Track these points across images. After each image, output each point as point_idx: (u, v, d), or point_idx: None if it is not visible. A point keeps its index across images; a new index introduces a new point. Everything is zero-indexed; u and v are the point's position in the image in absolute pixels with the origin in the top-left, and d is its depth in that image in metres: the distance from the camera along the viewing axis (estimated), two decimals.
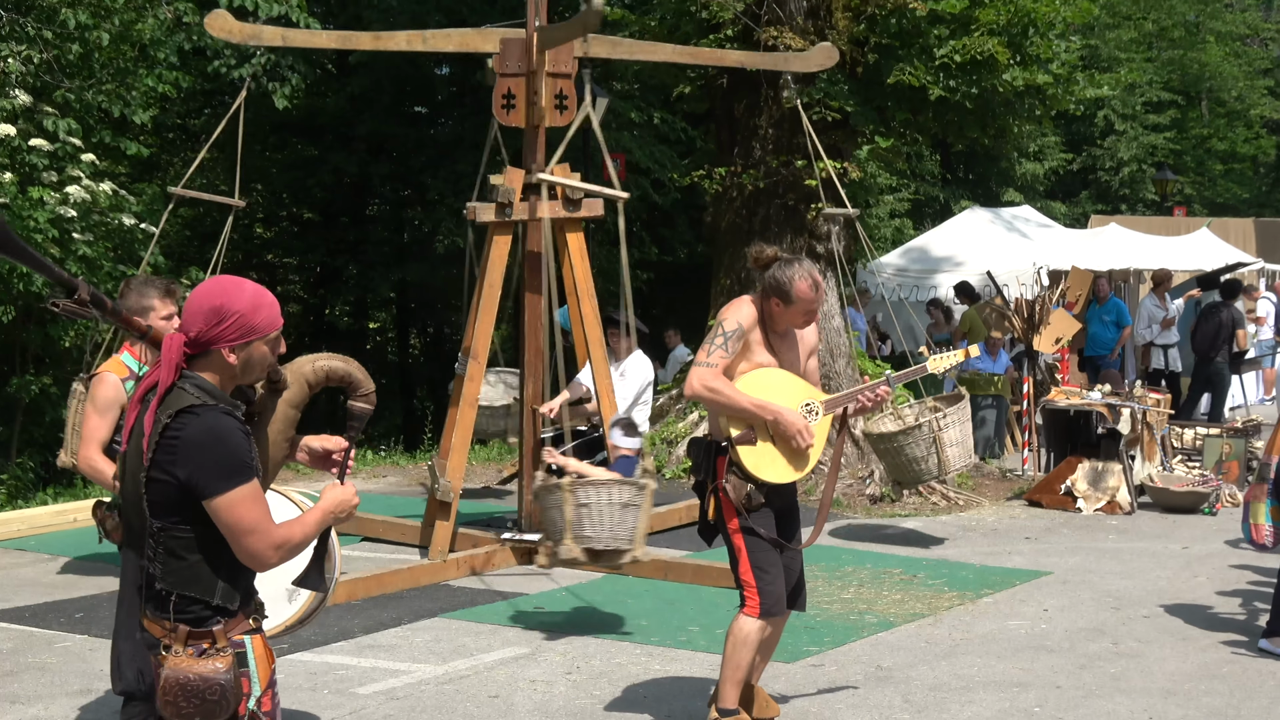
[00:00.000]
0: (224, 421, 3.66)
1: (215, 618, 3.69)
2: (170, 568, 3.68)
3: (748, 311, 5.92)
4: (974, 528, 11.44)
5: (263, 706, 3.75)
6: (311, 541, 3.79)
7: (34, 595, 8.90)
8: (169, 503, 3.65)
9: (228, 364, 3.75)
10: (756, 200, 14.14)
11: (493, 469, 13.96)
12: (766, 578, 5.86)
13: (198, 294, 3.79)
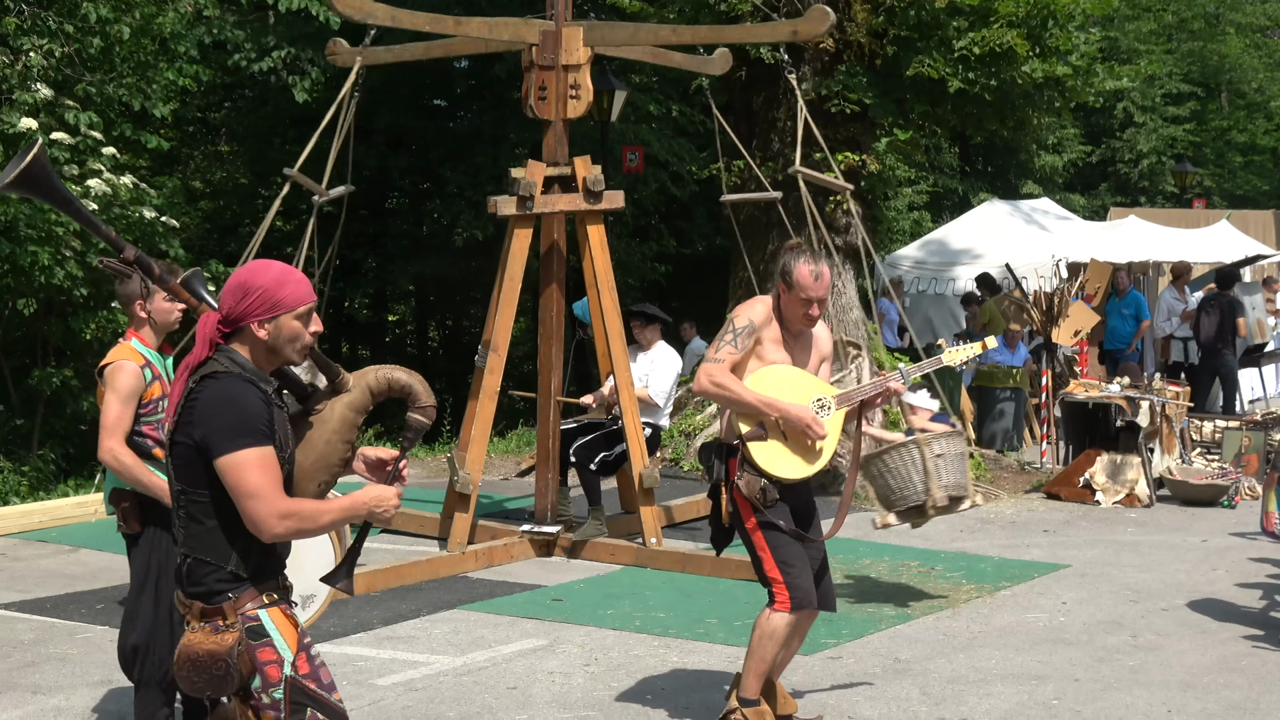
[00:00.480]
0: (241, 387, 3.76)
1: (226, 591, 3.77)
2: (191, 532, 3.81)
3: (760, 310, 5.92)
4: (992, 520, 11.43)
5: (299, 669, 3.83)
6: (329, 523, 3.84)
7: (55, 586, 8.96)
8: (188, 465, 3.78)
9: (258, 338, 3.85)
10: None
11: (511, 461, 13.99)
12: (793, 571, 5.80)
13: (231, 277, 3.91)
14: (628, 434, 9.70)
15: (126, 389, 5.57)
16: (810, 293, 5.81)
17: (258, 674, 3.81)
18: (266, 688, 3.82)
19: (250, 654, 3.80)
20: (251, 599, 3.82)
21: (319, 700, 3.87)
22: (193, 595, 3.83)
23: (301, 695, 3.84)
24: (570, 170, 9.91)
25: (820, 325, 6.07)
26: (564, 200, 9.86)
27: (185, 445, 3.79)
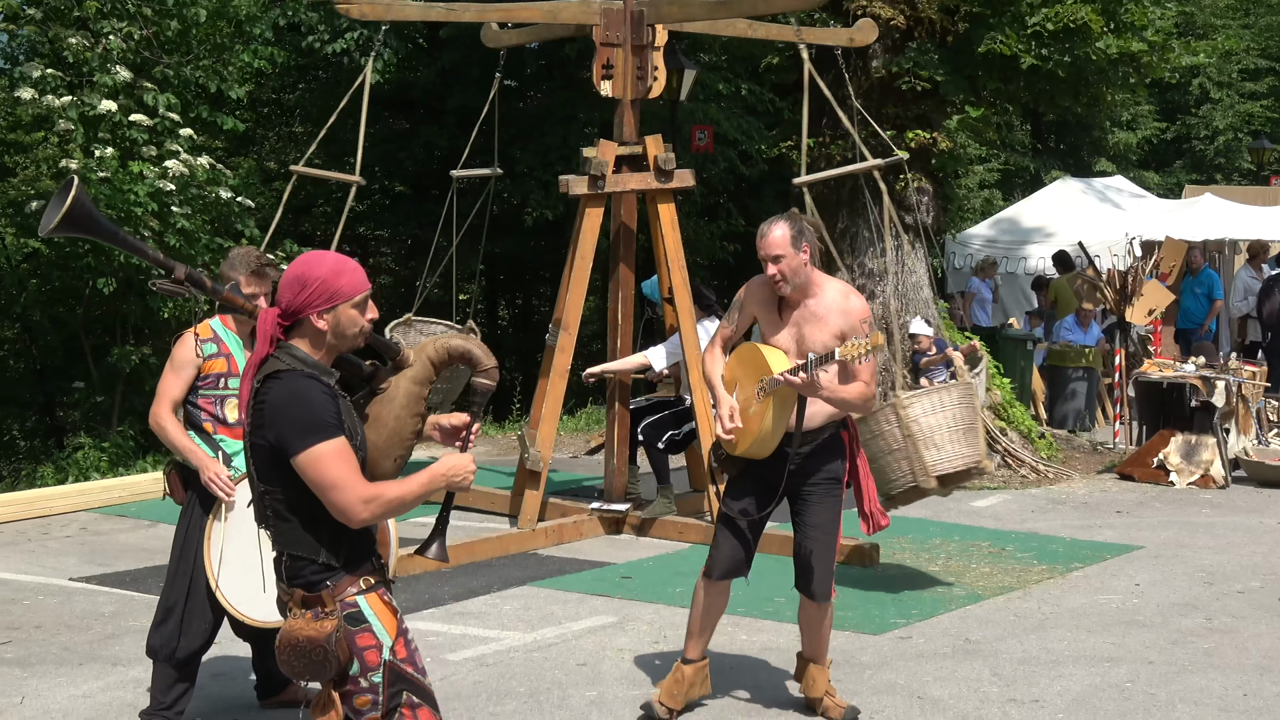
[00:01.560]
0: (304, 383, 3.81)
1: (324, 580, 3.85)
2: (279, 530, 3.88)
3: (754, 285, 6.03)
4: (1064, 501, 11.36)
5: (398, 654, 3.91)
6: (412, 500, 3.90)
7: (134, 560, 9.12)
8: (266, 466, 3.85)
9: (318, 330, 3.89)
10: None
11: (581, 439, 14.06)
12: (715, 541, 6.09)
13: (286, 271, 3.96)
14: (696, 412, 9.72)
15: (177, 358, 5.74)
16: (759, 250, 5.83)
17: (356, 659, 3.89)
18: (365, 672, 3.89)
19: (349, 640, 3.87)
20: (350, 584, 3.90)
21: (415, 684, 3.96)
22: (294, 586, 3.90)
23: (399, 679, 3.92)
24: (641, 149, 9.93)
25: (841, 296, 5.88)
26: (635, 179, 9.88)
27: (262, 446, 3.85)
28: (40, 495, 11.01)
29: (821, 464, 5.97)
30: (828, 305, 5.88)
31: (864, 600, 8.09)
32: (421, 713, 3.95)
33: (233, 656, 6.71)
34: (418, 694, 3.95)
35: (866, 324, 5.83)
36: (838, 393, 5.75)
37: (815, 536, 5.99)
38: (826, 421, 5.94)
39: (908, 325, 9.57)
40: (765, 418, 5.79)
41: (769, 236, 5.78)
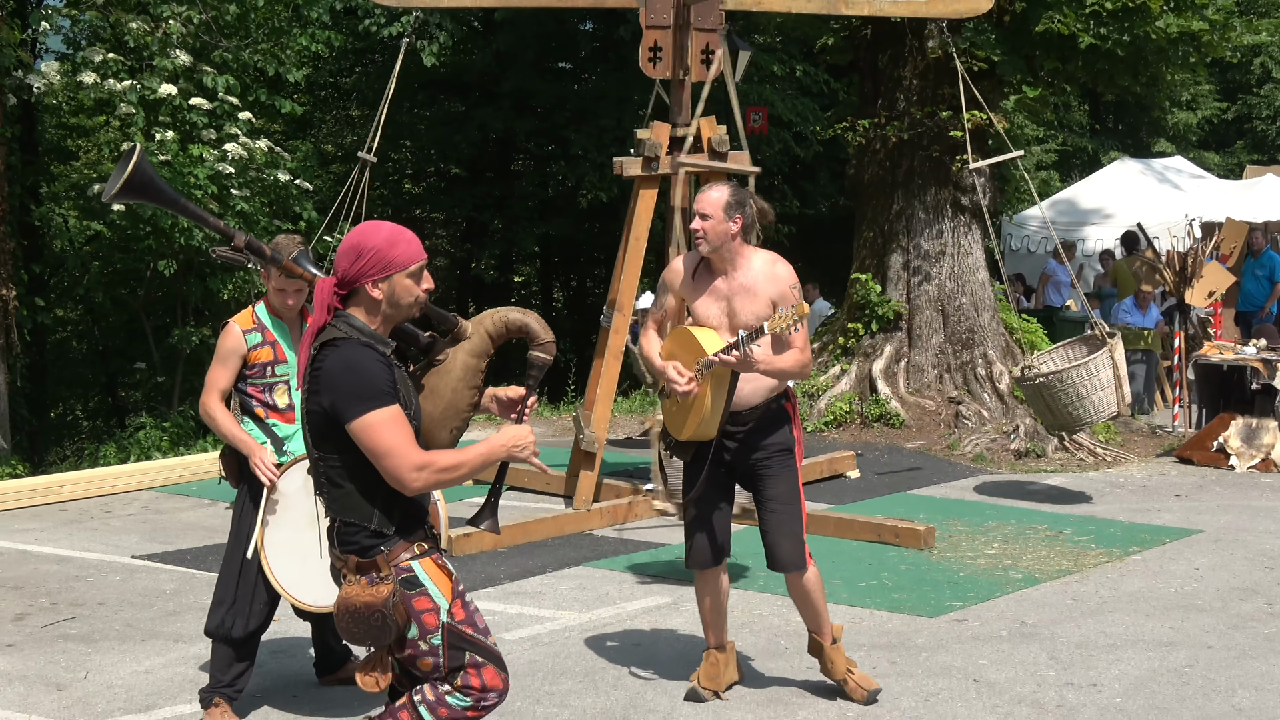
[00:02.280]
0: (360, 352, 3.86)
1: (378, 545, 3.90)
2: (332, 496, 3.93)
3: (674, 267, 6.07)
4: (1122, 484, 11.29)
5: (455, 616, 3.95)
6: (468, 470, 3.94)
7: (195, 539, 9.24)
8: (321, 432, 3.90)
9: (373, 299, 3.94)
10: (900, 152, 14.02)
11: (635, 421, 14.09)
12: (686, 533, 6.08)
13: (343, 240, 4.01)
14: None
15: (222, 349, 5.81)
16: (694, 206, 5.85)
17: (414, 623, 3.93)
18: (424, 635, 3.94)
19: (406, 604, 3.92)
20: (404, 550, 3.95)
21: (476, 644, 4.00)
22: (347, 552, 3.96)
23: (459, 640, 3.97)
24: (695, 131, 9.93)
25: (767, 264, 5.86)
26: (689, 161, 9.87)
27: (317, 413, 3.91)
28: (103, 474, 11.16)
29: (769, 437, 5.92)
30: (754, 275, 5.85)
31: (919, 583, 8.07)
32: (486, 671, 4.00)
33: (292, 635, 6.79)
34: (480, 653, 4.00)
35: (795, 290, 5.81)
36: (774, 364, 5.71)
37: (776, 509, 5.91)
38: (768, 395, 5.89)
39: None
40: (706, 399, 5.75)
41: (705, 194, 5.83)
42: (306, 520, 5.52)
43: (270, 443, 5.77)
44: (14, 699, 6.06)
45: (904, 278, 14.09)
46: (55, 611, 7.47)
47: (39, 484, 10.72)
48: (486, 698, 4.02)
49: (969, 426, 12.96)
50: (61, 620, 7.30)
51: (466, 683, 3.99)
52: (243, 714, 5.80)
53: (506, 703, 5.86)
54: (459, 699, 3.99)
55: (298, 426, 5.76)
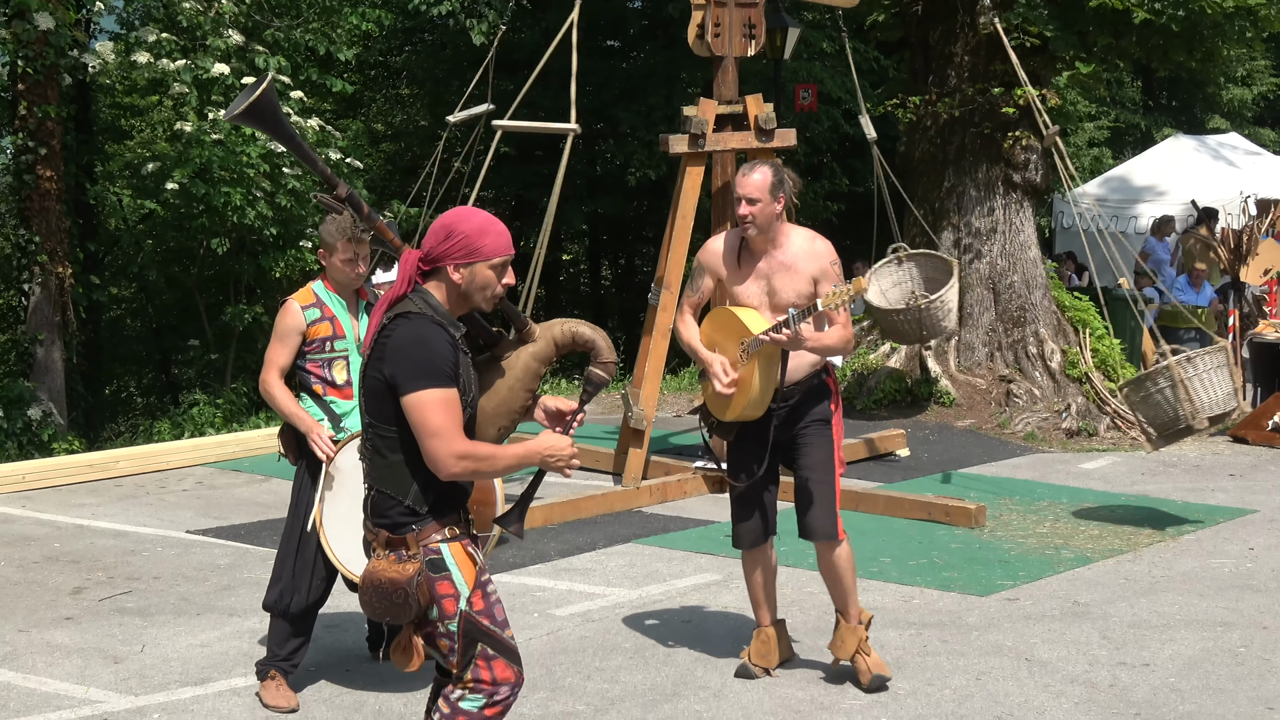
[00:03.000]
0: (431, 329, 3.88)
1: (409, 524, 3.92)
2: (375, 464, 3.97)
3: (710, 248, 5.98)
4: (1175, 464, 11.21)
5: (474, 606, 3.97)
6: (504, 468, 3.95)
7: (248, 514, 9.32)
8: (377, 400, 3.93)
9: (453, 282, 3.97)
10: (951, 129, 13.93)
11: (684, 398, 14.10)
12: (733, 514, 6.10)
13: (439, 218, 4.04)
14: None
15: (282, 327, 5.84)
16: (736, 189, 5.77)
17: (435, 605, 3.95)
18: (442, 619, 3.96)
19: (429, 585, 3.94)
20: (435, 531, 3.97)
21: (491, 636, 4.00)
22: (379, 525, 3.99)
23: (474, 630, 3.98)
24: (742, 108, 9.91)
25: (808, 241, 5.84)
26: (735, 138, 9.87)
27: (376, 379, 3.93)
28: (157, 450, 11.27)
29: (809, 409, 5.92)
30: (795, 253, 5.83)
31: (970, 562, 8.05)
32: (496, 664, 4.01)
33: (346, 610, 6.85)
34: (494, 646, 4.00)
35: (835, 265, 5.82)
36: (821, 340, 5.70)
37: (811, 477, 5.90)
38: (810, 371, 5.89)
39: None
40: (754, 379, 5.73)
41: (749, 178, 5.75)
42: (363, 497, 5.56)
43: (327, 419, 5.81)
44: (72, 671, 6.14)
45: (955, 255, 14.01)
46: (111, 585, 7.56)
47: (95, 460, 10.83)
48: (498, 691, 4.02)
49: (1020, 405, 12.89)
50: (118, 594, 7.39)
51: (476, 676, 3.99)
52: (297, 688, 5.85)
53: (557, 678, 5.91)
54: (471, 701, 4.00)
55: (355, 402, 5.80)
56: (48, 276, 15.04)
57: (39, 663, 6.25)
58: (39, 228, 15.04)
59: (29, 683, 5.97)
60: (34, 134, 14.88)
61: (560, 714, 5.58)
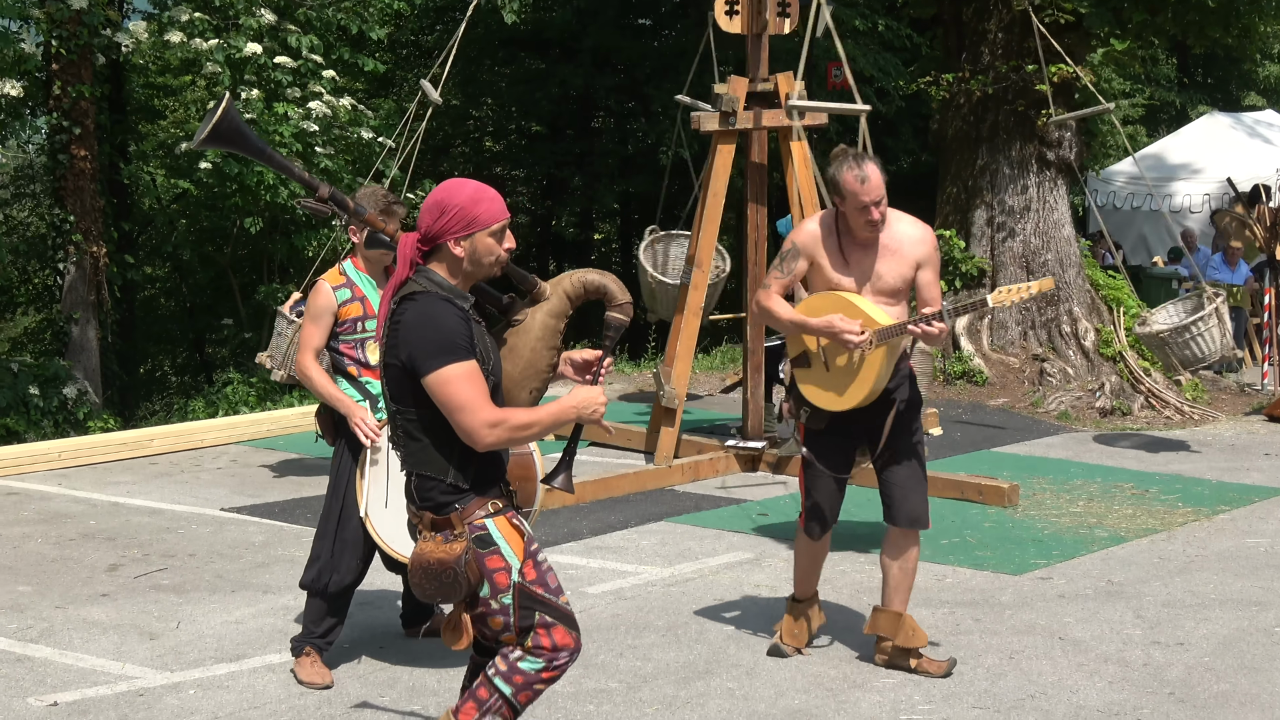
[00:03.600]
0: (438, 306, 3.88)
1: (453, 503, 3.93)
2: (409, 450, 3.98)
3: (807, 229, 5.76)
4: (1210, 443, 11.15)
5: (527, 576, 3.98)
6: (540, 430, 3.96)
7: (282, 492, 9.37)
8: (399, 385, 3.94)
9: (455, 256, 3.96)
10: (985, 107, 13.86)
11: (716, 378, 14.09)
12: (809, 500, 5.93)
13: (428, 196, 4.03)
14: None
15: (314, 308, 5.85)
16: (862, 198, 5.56)
17: (486, 581, 3.97)
18: (495, 594, 3.98)
19: (478, 562, 3.96)
20: (478, 508, 3.98)
21: (546, 603, 4.02)
22: (423, 508, 4.00)
23: (529, 600, 4.00)
24: (773, 86, 9.87)
25: (911, 226, 5.76)
26: (767, 116, 9.83)
27: (394, 366, 3.93)
28: (192, 428, 11.34)
29: (901, 396, 5.87)
30: (900, 237, 5.73)
31: (1003, 541, 8.03)
32: (556, 631, 4.03)
33: (380, 588, 6.88)
34: (551, 613, 4.02)
35: (938, 251, 5.81)
36: (946, 330, 5.69)
37: (908, 463, 5.84)
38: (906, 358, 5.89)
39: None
40: (877, 367, 5.64)
41: (872, 180, 5.57)
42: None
43: (364, 400, 5.83)
44: (109, 647, 6.19)
45: (988, 234, 13.96)
46: (147, 563, 7.62)
47: (130, 438, 10.91)
48: (558, 657, 4.04)
49: (1053, 384, 12.84)
50: (153, 571, 7.44)
51: (537, 643, 4.02)
52: (332, 664, 5.88)
53: (590, 655, 5.93)
54: (530, 663, 4.02)
55: None
56: (82, 256, 15.14)
57: (76, 639, 6.30)
58: (73, 207, 15.13)
59: (66, 659, 6.02)
60: (68, 114, 14.95)
61: (593, 691, 5.60)
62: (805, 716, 5.33)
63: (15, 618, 6.60)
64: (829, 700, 5.51)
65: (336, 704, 5.50)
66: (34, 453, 10.28)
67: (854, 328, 5.56)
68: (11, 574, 7.38)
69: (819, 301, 5.74)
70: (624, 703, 5.48)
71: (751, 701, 5.50)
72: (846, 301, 5.69)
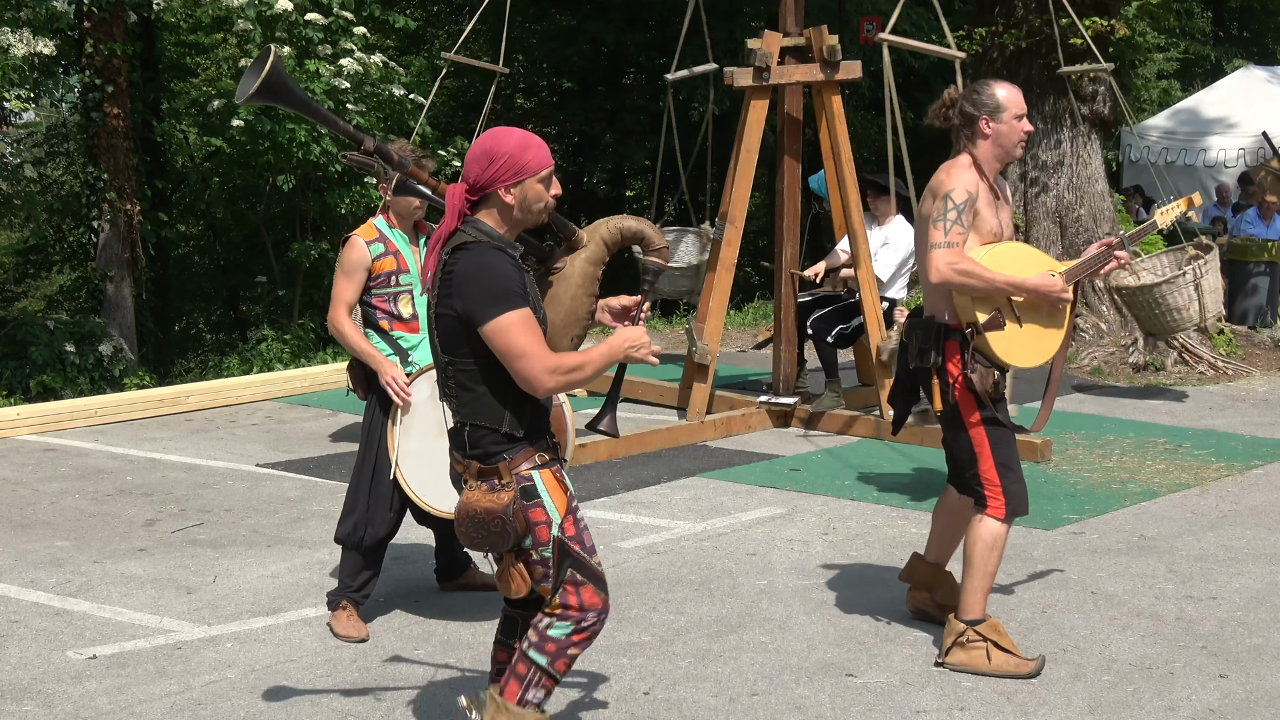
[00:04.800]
0: (492, 255, 3.90)
1: (502, 453, 3.96)
2: (463, 400, 4.00)
3: (970, 177, 5.31)
4: (1243, 398, 11.10)
5: (566, 532, 4.02)
6: (594, 371, 3.98)
7: (317, 448, 9.43)
8: (453, 336, 3.95)
9: (505, 204, 3.98)
10: (1018, 61, 13.76)
11: (748, 334, 14.09)
12: (1011, 476, 5.33)
13: (473, 147, 4.03)
14: (865, 306, 9.68)
15: (347, 262, 5.86)
16: (1021, 105, 5.38)
17: (529, 533, 4.00)
18: (536, 546, 4.01)
19: (524, 513, 3.99)
20: (526, 459, 4.00)
21: (580, 561, 4.05)
22: (470, 457, 4.03)
23: (565, 555, 4.02)
24: (806, 41, 9.83)
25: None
26: (800, 71, 9.79)
27: (448, 317, 3.94)
28: (227, 385, 11.41)
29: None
30: (1001, 181, 5.57)
31: (1035, 495, 7.98)
32: (585, 590, 4.05)
33: (414, 542, 6.94)
34: (582, 571, 4.04)
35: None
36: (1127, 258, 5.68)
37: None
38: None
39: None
40: (1067, 315, 5.46)
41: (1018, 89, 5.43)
42: (436, 429, 5.62)
43: (395, 355, 5.86)
44: (146, 601, 6.26)
45: (1021, 189, 13.88)
46: (184, 518, 7.69)
47: (165, 394, 10.99)
48: (585, 618, 4.06)
49: (1086, 339, 12.79)
50: (190, 526, 7.51)
51: (564, 601, 4.03)
52: (367, 618, 5.94)
53: (623, 609, 5.97)
54: (559, 628, 4.05)
55: (422, 336, 5.85)
56: (116, 214, 15.22)
57: (114, 593, 6.37)
58: (107, 165, 15.20)
59: (104, 613, 6.09)
60: (100, 72, 15.00)
61: (626, 644, 5.64)
62: (837, 669, 5.36)
63: (54, 572, 6.68)
64: (861, 654, 5.54)
65: (372, 657, 5.55)
66: (71, 409, 10.37)
67: (1060, 284, 5.35)
68: (50, 529, 7.46)
69: (1005, 253, 5.38)
70: (657, 656, 5.52)
71: (784, 655, 5.53)
72: (1029, 250, 5.48)
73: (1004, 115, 5.37)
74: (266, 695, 5.14)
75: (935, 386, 5.42)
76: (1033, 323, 5.41)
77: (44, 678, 5.33)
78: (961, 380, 5.32)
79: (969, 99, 5.42)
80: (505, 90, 25.66)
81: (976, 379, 5.28)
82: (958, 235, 5.25)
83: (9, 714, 4.97)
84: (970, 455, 5.38)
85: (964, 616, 5.36)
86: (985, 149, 5.39)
